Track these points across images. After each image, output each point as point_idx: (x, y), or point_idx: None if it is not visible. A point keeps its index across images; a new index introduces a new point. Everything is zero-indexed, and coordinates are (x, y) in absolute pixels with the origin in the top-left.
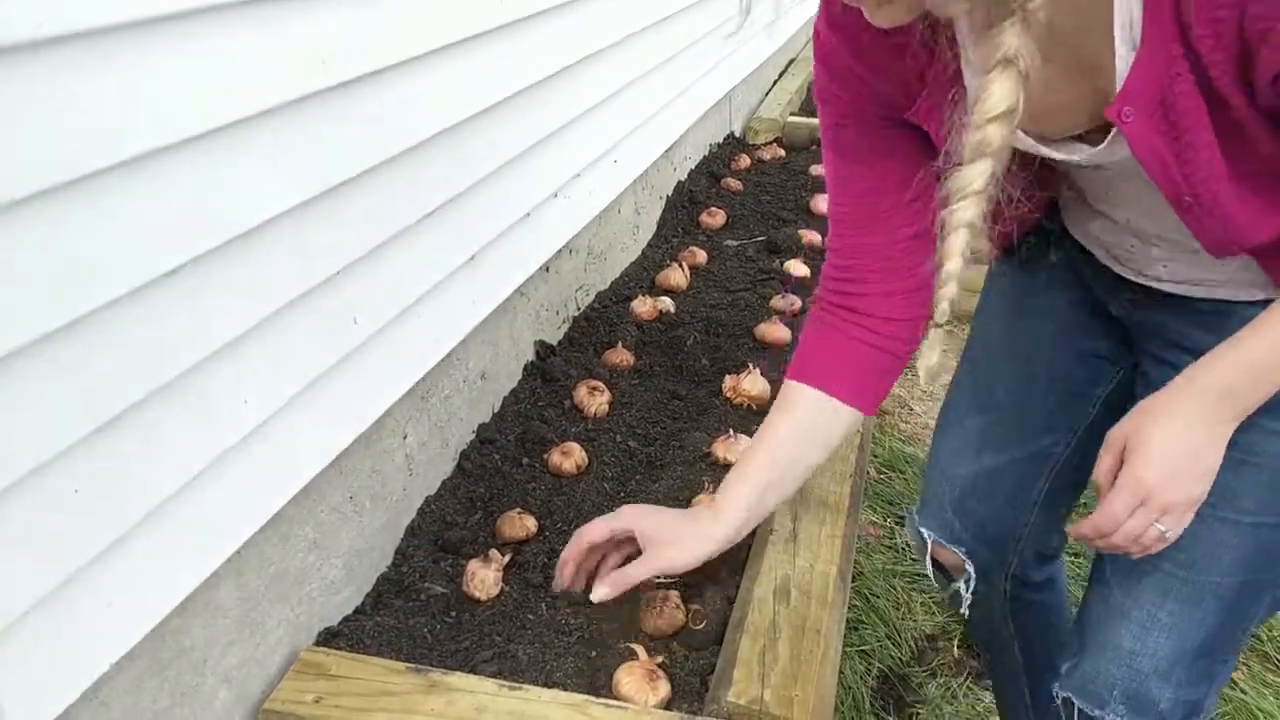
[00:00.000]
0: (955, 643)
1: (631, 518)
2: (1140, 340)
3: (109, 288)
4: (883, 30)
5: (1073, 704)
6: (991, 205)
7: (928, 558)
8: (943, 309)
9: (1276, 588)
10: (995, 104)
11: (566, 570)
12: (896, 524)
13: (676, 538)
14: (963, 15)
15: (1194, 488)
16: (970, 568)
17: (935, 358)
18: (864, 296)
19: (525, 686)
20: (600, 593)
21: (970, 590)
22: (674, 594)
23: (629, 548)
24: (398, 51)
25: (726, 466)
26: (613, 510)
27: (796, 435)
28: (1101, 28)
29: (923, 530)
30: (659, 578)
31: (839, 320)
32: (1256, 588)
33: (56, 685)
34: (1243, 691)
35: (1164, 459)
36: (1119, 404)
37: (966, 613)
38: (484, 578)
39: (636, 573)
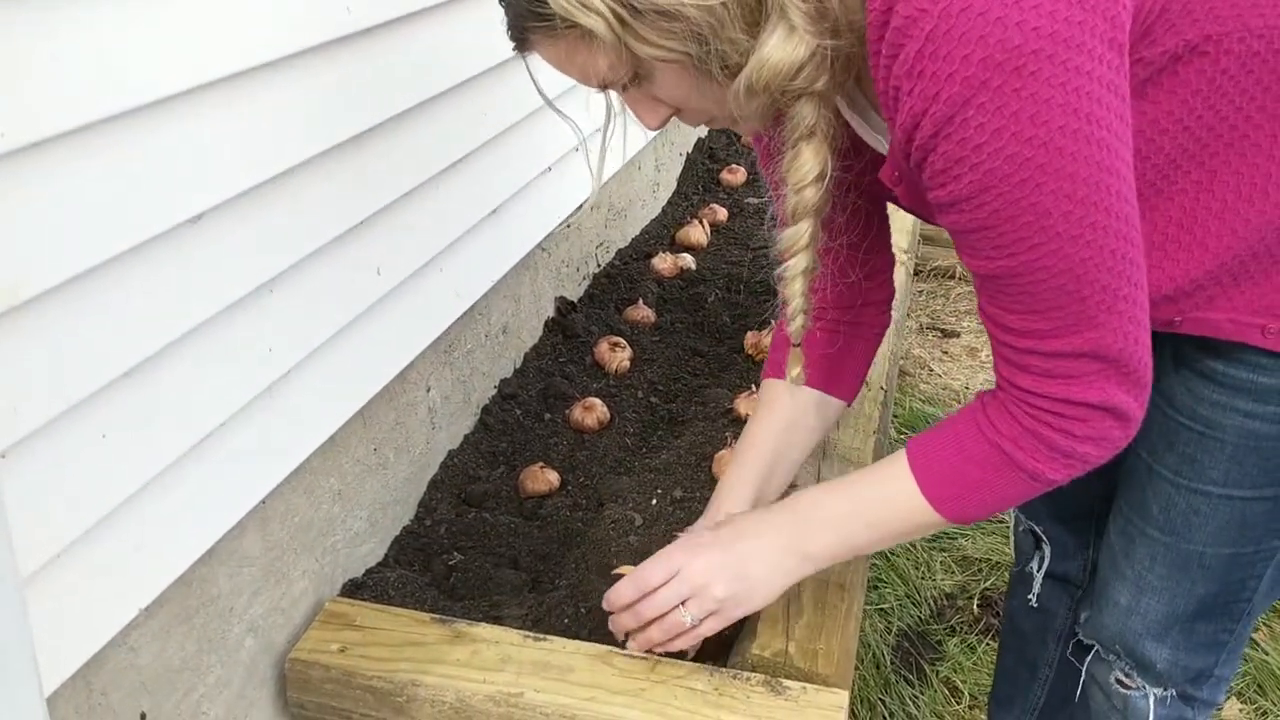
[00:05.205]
0: (975, 601)
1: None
2: None
3: (132, 233)
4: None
5: (1092, 648)
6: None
7: (1012, 536)
8: (796, 333)
9: (1269, 564)
10: (807, 171)
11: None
12: None
13: None
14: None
15: (732, 587)
16: (1047, 549)
17: (797, 370)
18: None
19: (550, 637)
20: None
21: (1041, 571)
22: None
23: None
24: None
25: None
26: (631, 464)
27: (780, 430)
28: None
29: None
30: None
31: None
32: (1246, 561)
33: (87, 630)
34: (1264, 652)
35: (721, 564)
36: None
37: (1034, 598)
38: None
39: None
